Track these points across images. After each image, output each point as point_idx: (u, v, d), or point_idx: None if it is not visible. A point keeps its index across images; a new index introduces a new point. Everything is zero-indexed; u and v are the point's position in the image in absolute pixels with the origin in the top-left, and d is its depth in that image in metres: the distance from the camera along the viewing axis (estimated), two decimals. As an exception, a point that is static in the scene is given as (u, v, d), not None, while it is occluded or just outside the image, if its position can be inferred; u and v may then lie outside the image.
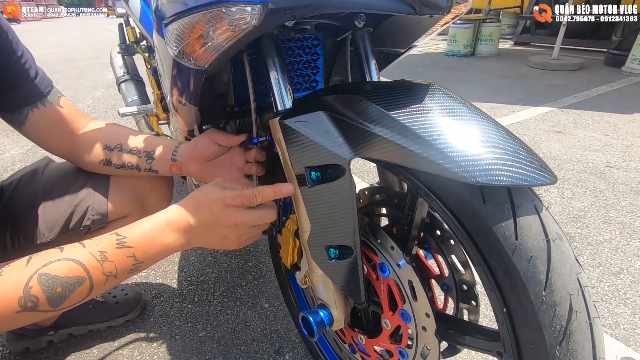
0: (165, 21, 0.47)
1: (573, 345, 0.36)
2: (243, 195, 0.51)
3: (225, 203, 0.50)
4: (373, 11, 0.39)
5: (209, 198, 0.51)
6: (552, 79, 3.77)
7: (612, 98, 3.07)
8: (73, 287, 0.46)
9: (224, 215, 0.50)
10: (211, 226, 0.51)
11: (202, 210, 0.51)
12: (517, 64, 4.56)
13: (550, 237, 0.37)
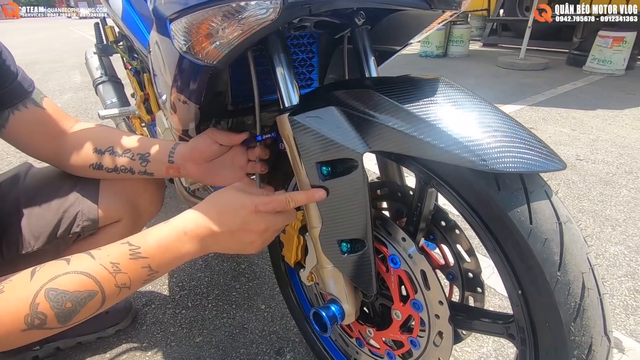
0: (172, 16, 0.46)
1: (586, 321, 0.38)
2: (275, 201, 0.50)
3: (256, 209, 0.49)
4: (389, 5, 0.40)
5: (236, 204, 0.49)
6: (520, 78, 3.95)
7: (576, 96, 3.25)
8: (84, 302, 0.43)
9: (255, 222, 0.50)
10: (238, 232, 0.50)
11: (229, 216, 0.49)
12: (487, 64, 4.74)
13: (562, 220, 0.39)
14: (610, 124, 2.50)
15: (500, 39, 6.29)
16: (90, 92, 3.52)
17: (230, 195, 0.50)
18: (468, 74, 4.23)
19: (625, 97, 3.14)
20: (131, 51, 1.32)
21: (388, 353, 0.62)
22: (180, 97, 0.59)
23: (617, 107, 2.88)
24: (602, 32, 3.95)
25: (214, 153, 0.64)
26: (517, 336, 0.45)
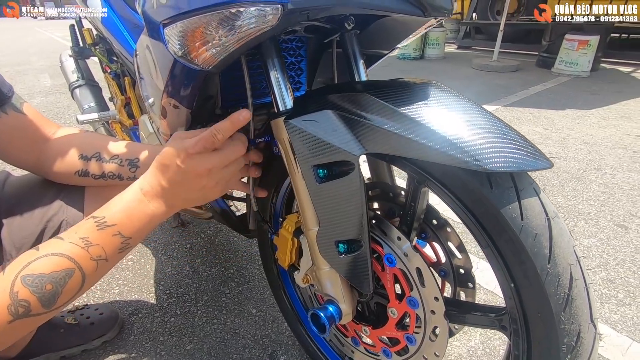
0: (165, 21, 0.46)
1: (575, 310, 0.40)
2: (202, 139, 0.50)
3: (188, 153, 0.50)
4: (386, 12, 0.41)
5: (170, 155, 0.51)
6: (494, 79, 4.09)
7: (546, 96, 3.40)
8: (64, 281, 0.43)
9: (192, 166, 0.50)
10: (184, 182, 0.51)
11: (169, 169, 0.51)
12: (462, 66, 4.89)
13: (550, 216, 0.41)
14: (579, 123, 2.63)
15: (474, 41, 6.50)
16: (62, 96, 3.39)
17: (167, 149, 0.51)
18: (445, 75, 4.35)
19: (591, 98, 3.31)
20: (110, 54, 1.29)
21: (384, 350, 0.63)
22: (171, 101, 0.58)
23: (584, 107, 3.03)
24: (569, 35, 4.15)
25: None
26: (510, 327, 0.47)
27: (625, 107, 3.01)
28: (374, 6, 0.40)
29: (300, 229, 0.66)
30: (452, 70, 4.64)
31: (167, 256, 1.29)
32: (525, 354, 0.45)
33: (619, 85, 3.73)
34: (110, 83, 1.28)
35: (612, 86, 3.71)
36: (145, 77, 0.71)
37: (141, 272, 1.21)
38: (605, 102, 3.15)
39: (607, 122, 2.64)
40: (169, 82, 0.54)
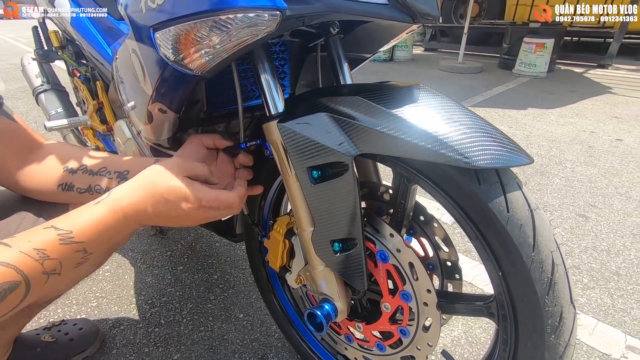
0: (157, 25, 0.46)
1: (557, 293, 0.44)
2: (221, 202, 0.51)
3: (199, 205, 0.50)
4: (379, 19, 0.43)
5: (179, 195, 0.49)
6: (460, 80, 4.27)
7: (509, 96, 3.59)
8: (3, 295, 0.39)
9: (196, 215, 0.50)
10: (174, 218, 0.50)
11: (169, 206, 0.49)
12: (430, 68, 5.06)
13: (532, 207, 0.45)
14: (540, 121, 2.80)
15: (440, 44, 6.75)
16: (19, 101, 3.18)
17: (173, 183, 0.49)
18: (415, 77, 4.48)
19: (549, 97, 3.53)
20: (79, 57, 1.23)
21: (378, 345, 0.65)
22: (158, 106, 0.57)
23: (544, 106, 3.23)
24: (527, 38, 4.40)
25: (203, 160, 0.62)
26: (498, 313, 0.51)
27: (580, 105, 3.24)
28: (367, 13, 0.41)
29: (292, 230, 0.67)
30: (421, 72, 4.79)
31: (146, 265, 1.25)
32: (513, 337, 0.48)
33: (573, 85, 4.00)
34: (80, 87, 1.22)
35: (567, 86, 3.97)
36: (126, 81, 0.69)
37: (120, 282, 1.17)
38: (562, 101, 3.37)
39: (565, 120, 2.83)
40: (158, 86, 0.53)
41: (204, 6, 0.40)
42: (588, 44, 5.97)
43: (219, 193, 0.52)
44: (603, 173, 1.94)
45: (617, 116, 2.92)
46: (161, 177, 0.49)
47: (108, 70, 0.99)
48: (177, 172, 0.50)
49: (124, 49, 0.59)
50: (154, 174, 0.50)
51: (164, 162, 0.52)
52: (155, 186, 0.49)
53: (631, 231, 1.45)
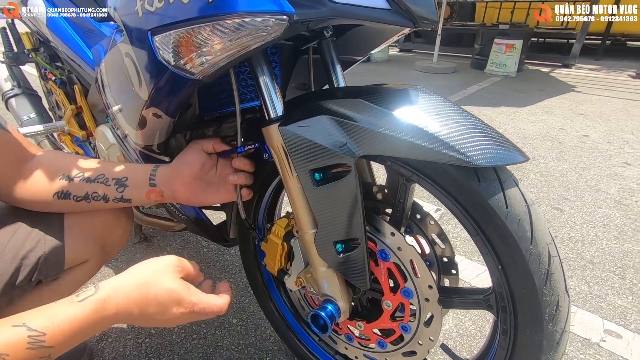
0: (156, 29, 0.45)
1: (554, 283, 0.46)
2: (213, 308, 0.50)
3: (192, 311, 0.48)
4: (382, 23, 0.44)
5: (170, 299, 0.46)
6: (436, 80, 4.38)
7: (483, 95, 3.72)
8: None
9: (183, 319, 0.48)
10: (161, 322, 0.47)
11: (158, 310, 0.46)
12: (406, 68, 5.16)
13: (529, 202, 0.47)
14: (513, 119, 2.92)
15: (414, 44, 6.91)
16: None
17: (170, 286, 0.46)
18: (392, 77, 4.56)
19: (520, 96, 3.68)
20: (54, 59, 1.18)
21: (379, 342, 0.66)
22: (154, 110, 0.56)
23: (515, 104, 3.37)
24: (497, 39, 4.58)
25: (204, 166, 0.61)
26: (497, 305, 0.53)
27: (549, 103, 3.40)
28: (371, 18, 0.42)
29: (291, 233, 0.67)
30: (398, 72, 4.88)
31: (132, 274, 1.21)
32: (513, 327, 0.50)
33: (541, 84, 4.19)
34: (56, 91, 1.17)
35: (535, 85, 4.16)
36: (113, 84, 0.67)
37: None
38: (532, 99, 3.53)
39: (536, 117, 2.96)
40: (155, 91, 0.51)
41: (209, 10, 0.39)
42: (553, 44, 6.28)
43: (211, 299, 0.50)
44: (573, 167, 2.05)
45: (582, 113, 3.08)
46: (157, 278, 0.47)
47: (88, 74, 0.95)
48: (174, 273, 0.48)
49: (115, 52, 0.57)
50: (149, 274, 0.47)
51: (158, 261, 0.49)
52: (150, 288, 0.46)
53: (602, 222, 1.54)
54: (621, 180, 1.90)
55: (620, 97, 3.64)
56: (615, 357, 0.94)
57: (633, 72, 4.77)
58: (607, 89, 3.96)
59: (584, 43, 5.24)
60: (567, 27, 6.65)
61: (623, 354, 0.94)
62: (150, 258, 0.51)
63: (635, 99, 3.57)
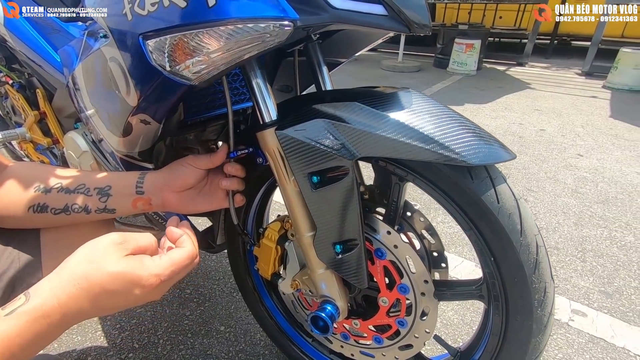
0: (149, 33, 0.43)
1: (541, 271, 0.50)
2: (182, 262, 0.44)
3: (160, 281, 0.41)
4: (379, 29, 0.45)
5: (126, 280, 0.39)
6: (402, 79, 4.50)
7: (446, 93, 3.88)
8: None
9: (159, 290, 0.42)
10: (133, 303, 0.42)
11: (118, 297, 0.40)
12: (373, 68, 5.25)
13: (517, 197, 0.50)
14: (476, 116, 3.06)
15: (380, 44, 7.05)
16: None
17: (114, 269, 0.39)
18: (358, 76, 4.63)
19: (481, 93, 3.87)
20: (10, 62, 1.09)
21: (375, 338, 0.68)
22: (142, 117, 0.54)
23: (477, 101, 3.54)
24: (458, 39, 4.78)
25: (197, 179, 0.59)
26: (488, 295, 0.56)
27: (507, 100, 3.60)
28: (369, 24, 0.43)
29: (284, 236, 0.67)
30: (366, 72, 4.96)
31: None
32: (504, 314, 0.54)
33: (499, 82, 4.43)
34: (14, 96, 1.09)
35: (494, 82, 4.39)
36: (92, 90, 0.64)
37: (79, 310, 1.06)
38: (492, 96, 3.72)
39: (497, 114, 3.13)
40: (145, 97, 0.49)
41: (209, 16, 0.38)
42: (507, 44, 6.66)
43: (172, 256, 0.44)
44: (534, 160, 2.19)
45: (538, 109, 3.30)
46: (95, 266, 0.39)
47: (53, 77, 0.89)
48: (116, 253, 0.41)
49: (96, 56, 0.54)
50: (84, 265, 0.40)
51: (93, 245, 0.42)
52: (90, 279, 0.39)
53: (562, 210, 1.66)
54: (576, 171, 2.06)
55: (569, 93, 3.93)
56: (582, 334, 1.02)
57: (579, 69, 5.16)
58: (557, 86, 4.26)
59: (535, 42, 5.60)
60: (519, 27, 7.07)
61: (589, 331, 1.03)
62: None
63: (582, 94, 3.87)
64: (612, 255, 1.36)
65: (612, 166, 2.12)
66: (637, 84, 3.97)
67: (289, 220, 0.66)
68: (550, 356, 0.95)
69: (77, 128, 0.93)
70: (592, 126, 2.83)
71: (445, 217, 1.57)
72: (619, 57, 4.08)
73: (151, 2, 0.42)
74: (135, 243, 0.43)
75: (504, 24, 7.29)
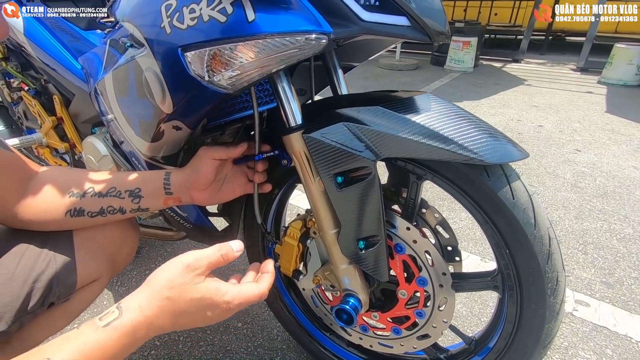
0: (189, 46, 0.46)
1: (554, 261, 0.53)
2: (252, 299, 0.48)
3: (229, 308, 0.46)
4: (403, 39, 0.48)
5: (203, 305, 0.45)
6: (400, 77, 4.54)
7: (444, 90, 3.92)
8: None
9: (225, 315, 0.47)
10: (200, 324, 0.47)
11: (194, 317, 0.45)
12: (370, 66, 5.29)
13: (530, 192, 0.54)
14: (475, 113, 3.08)
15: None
16: None
17: (194, 295, 0.44)
18: (357, 75, 4.66)
19: (479, 90, 3.92)
20: (25, 69, 1.11)
21: (394, 329, 0.72)
22: (175, 123, 0.57)
23: (475, 98, 3.58)
24: (455, 37, 4.82)
25: (218, 172, 0.63)
26: (503, 285, 0.60)
27: (504, 96, 3.65)
28: (394, 34, 0.46)
29: (307, 234, 0.70)
30: (364, 70, 5.00)
31: (124, 287, 1.18)
32: (519, 303, 0.57)
33: (496, 79, 4.48)
34: (30, 102, 1.11)
35: (491, 79, 4.44)
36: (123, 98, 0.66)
37: (98, 310, 1.09)
38: (489, 93, 3.77)
39: (495, 110, 3.17)
40: (181, 105, 0.52)
41: (249, 30, 0.41)
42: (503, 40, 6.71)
43: (246, 290, 0.48)
44: (533, 156, 2.24)
45: (535, 105, 3.35)
46: (177, 292, 0.44)
47: (72, 83, 0.92)
48: (194, 278, 0.45)
49: (130, 66, 0.57)
50: (166, 290, 0.43)
51: (171, 272, 0.45)
52: (174, 302, 0.43)
53: (562, 204, 1.71)
54: (574, 166, 2.10)
55: (565, 89, 3.98)
56: (586, 323, 1.06)
57: (573, 65, 5.23)
58: (553, 82, 4.32)
59: (530, 39, 5.66)
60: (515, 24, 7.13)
61: (592, 320, 1.07)
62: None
63: (578, 90, 3.93)
64: (612, 247, 1.40)
65: (610, 160, 2.17)
66: (631, 79, 4.04)
67: (311, 219, 0.69)
68: (556, 344, 0.99)
69: (95, 133, 0.96)
70: (588, 121, 2.88)
71: (450, 213, 1.61)
72: (614, 53, 4.14)
73: (191, 16, 0.45)
74: (207, 261, 0.46)
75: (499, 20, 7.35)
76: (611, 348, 0.98)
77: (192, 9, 0.45)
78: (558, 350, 0.98)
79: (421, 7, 0.47)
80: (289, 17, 0.41)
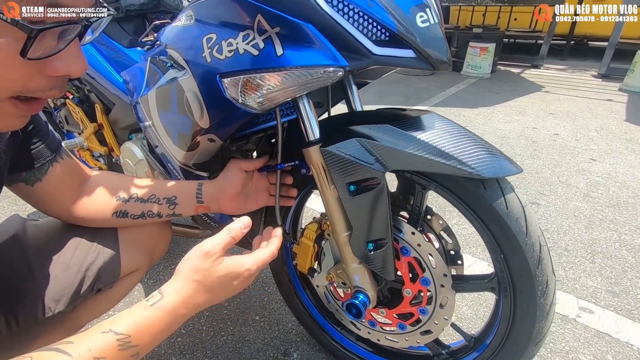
0: (226, 73, 0.54)
1: (544, 266, 0.59)
2: (266, 260, 0.57)
3: (250, 274, 0.54)
4: (407, 67, 0.56)
5: (228, 279, 0.52)
6: (416, 83, 4.57)
7: (460, 96, 3.93)
8: None
9: (250, 282, 0.55)
10: (231, 293, 0.54)
11: (223, 290, 0.53)
12: (387, 71, 5.34)
13: (523, 204, 0.60)
14: (490, 120, 3.12)
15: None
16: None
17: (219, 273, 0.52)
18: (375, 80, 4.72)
19: (495, 96, 3.92)
20: (71, 79, 1.23)
21: (399, 325, 0.78)
22: (210, 136, 0.66)
23: (491, 104, 3.59)
24: (472, 42, 4.82)
25: (245, 183, 0.71)
26: (498, 287, 0.66)
27: (521, 103, 3.64)
28: (401, 65, 0.53)
29: (321, 236, 0.78)
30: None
31: (153, 280, 1.28)
32: (513, 304, 0.63)
33: (513, 85, 4.46)
34: (74, 110, 1.23)
35: (508, 85, 4.42)
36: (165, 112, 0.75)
37: (130, 300, 1.20)
38: (506, 99, 3.76)
39: (510, 118, 3.18)
40: (217, 121, 0.61)
41: (278, 63, 0.49)
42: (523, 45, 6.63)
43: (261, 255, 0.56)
44: (547, 164, 2.25)
45: (552, 112, 3.33)
46: (204, 273, 0.51)
47: (113, 94, 1.03)
48: (217, 260, 0.52)
49: (174, 87, 0.66)
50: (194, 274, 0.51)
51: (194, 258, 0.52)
52: (204, 283, 0.51)
53: (573, 213, 1.73)
54: (588, 175, 2.11)
55: (584, 96, 3.94)
56: (589, 329, 1.10)
57: (595, 71, 5.13)
58: (572, 89, 4.27)
59: (550, 44, 5.59)
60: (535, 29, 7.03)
61: (595, 327, 1.11)
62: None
63: (598, 97, 3.87)
64: (621, 257, 1.42)
65: (625, 170, 2.16)
66: (654, 87, 3.95)
67: (325, 222, 0.77)
68: (558, 348, 1.04)
69: (132, 139, 1.06)
70: (606, 130, 2.86)
71: (459, 220, 1.66)
72: (636, 60, 4.06)
73: (228, 49, 0.53)
74: (221, 246, 0.54)
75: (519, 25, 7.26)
76: (612, 354, 1.02)
77: (230, 42, 0.53)
78: (559, 353, 1.02)
79: (425, 39, 0.54)
80: (311, 52, 0.49)
